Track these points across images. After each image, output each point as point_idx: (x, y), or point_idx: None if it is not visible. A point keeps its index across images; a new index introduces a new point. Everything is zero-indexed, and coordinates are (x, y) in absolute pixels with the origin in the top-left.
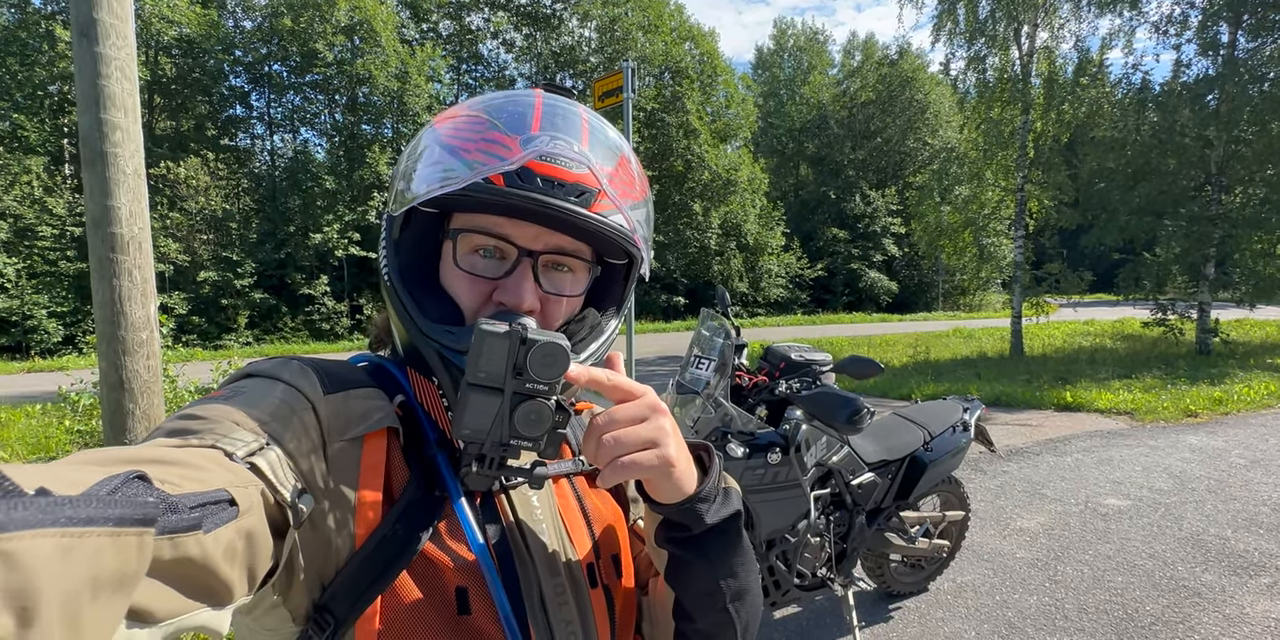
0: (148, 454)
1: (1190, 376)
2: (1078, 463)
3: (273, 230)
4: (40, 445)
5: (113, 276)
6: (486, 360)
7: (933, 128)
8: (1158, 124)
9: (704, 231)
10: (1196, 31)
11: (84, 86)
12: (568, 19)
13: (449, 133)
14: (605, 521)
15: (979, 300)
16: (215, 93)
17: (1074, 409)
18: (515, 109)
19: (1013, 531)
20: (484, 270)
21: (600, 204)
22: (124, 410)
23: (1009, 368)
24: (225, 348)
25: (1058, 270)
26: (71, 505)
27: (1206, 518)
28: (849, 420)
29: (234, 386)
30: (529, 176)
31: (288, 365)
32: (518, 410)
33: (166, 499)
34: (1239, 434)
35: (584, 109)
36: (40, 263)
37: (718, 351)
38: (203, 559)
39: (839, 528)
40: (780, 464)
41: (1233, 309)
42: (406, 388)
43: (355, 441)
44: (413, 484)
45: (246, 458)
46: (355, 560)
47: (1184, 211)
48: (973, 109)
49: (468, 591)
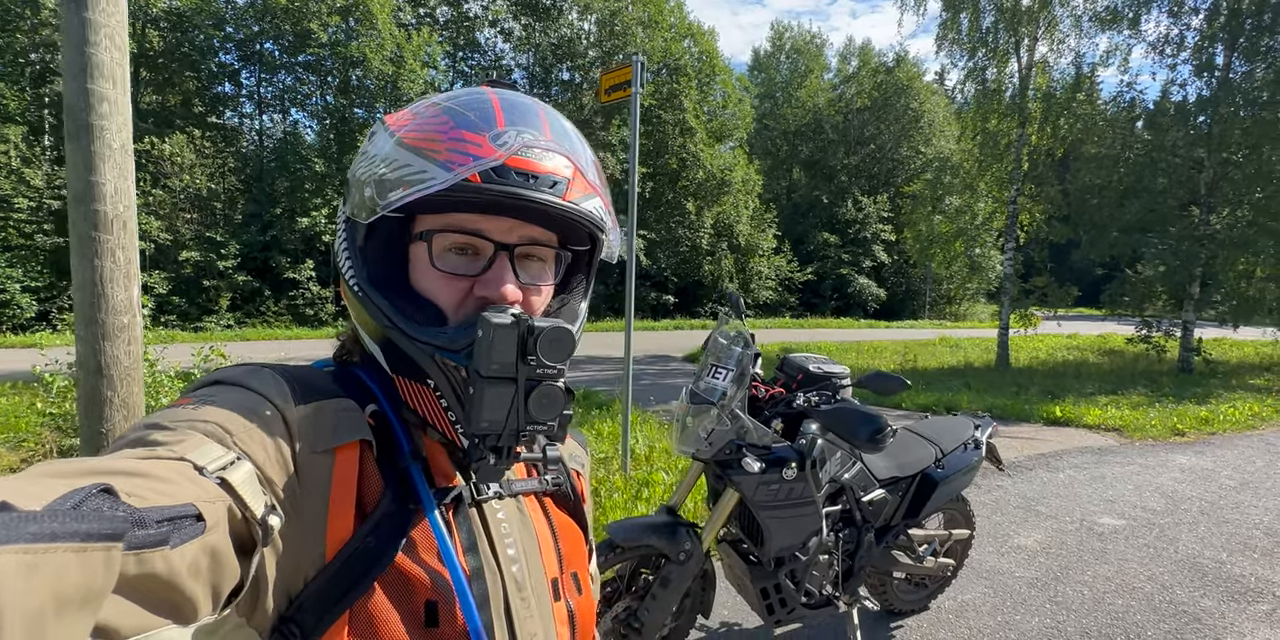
0: (114, 466)
1: (1176, 395)
2: (1070, 479)
3: (258, 212)
4: (8, 425)
5: (94, 256)
6: (498, 351)
7: (926, 137)
8: (1150, 142)
9: (696, 231)
10: (1192, 53)
11: (71, 54)
12: (567, 11)
13: (411, 134)
14: (569, 539)
15: (964, 310)
16: (204, 69)
17: (1063, 424)
18: (476, 106)
19: (1010, 549)
20: (461, 268)
21: (572, 192)
22: (101, 397)
23: (996, 379)
24: (206, 329)
25: (1045, 283)
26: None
27: (1201, 540)
28: (871, 438)
29: (202, 394)
30: (504, 172)
31: (257, 373)
32: (532, 396)
33: (133, 513)
34: (1227, 455)
35: (536, 100)
36: (15, 236)
37: (735, 360)
38: (168, 575)
39: (847, 545)
40: (796, 480)
41: (1212, 328)
42: (379, 396)
43: (327, 453)
44: (387, 496)
45: (216, 472)
46: (326, 573)
47: (1173, 230)
48: (970, 120)
49: (437, 604)
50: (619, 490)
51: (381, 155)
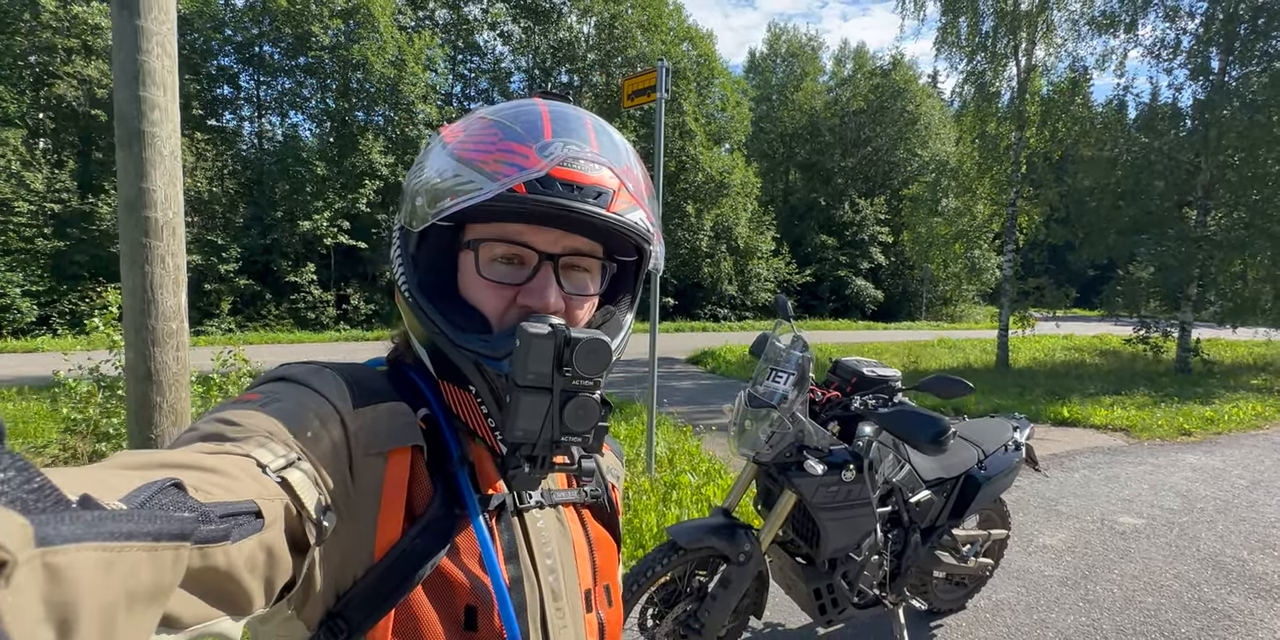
0: (184, 459)
1: (1179, 395)
2: (1086, 479)
3: (259, 215)
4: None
5: (145, 263)
6: (535, 362)
7: (922, 139)
8: (1146, 145)
9: (695, 233)
10: (1188, 57)
11: (122, 61)
12: (567, 14)
13: (462, 145)
14: (604, 551)
15: (961, 311)
16: (203, 71)
17: (1071, 424)
18: (525, 118)
19: (1037, 548)
20: (507, 277)
21: (617, 204)
22: (151, 403)
23: (998, 380)
24: (207, 333)
25: (1042, 284)
26: (114, 519)
27: (1220, 538)
28: (935, 439)
29: (267, 390)
30: (549, 182)
31: (320, 373)
32: (567, 407)
33: (199, 509)
34: (1235, 454)
35: (585, 112)
36: (15, 240)
37: (795, 364)
38: (227, 569)
39: (895, 545)
40: (854, 481)
41: (1208, 329)
42: (431, 399)
43: (380, 457)
44: (436, 500)
45: (279, 471)
46: (374, 572)
47: (1170, 232)
48: (969, 123)
49: (476, 610)
50: (646, 493)
51: (434, 165)
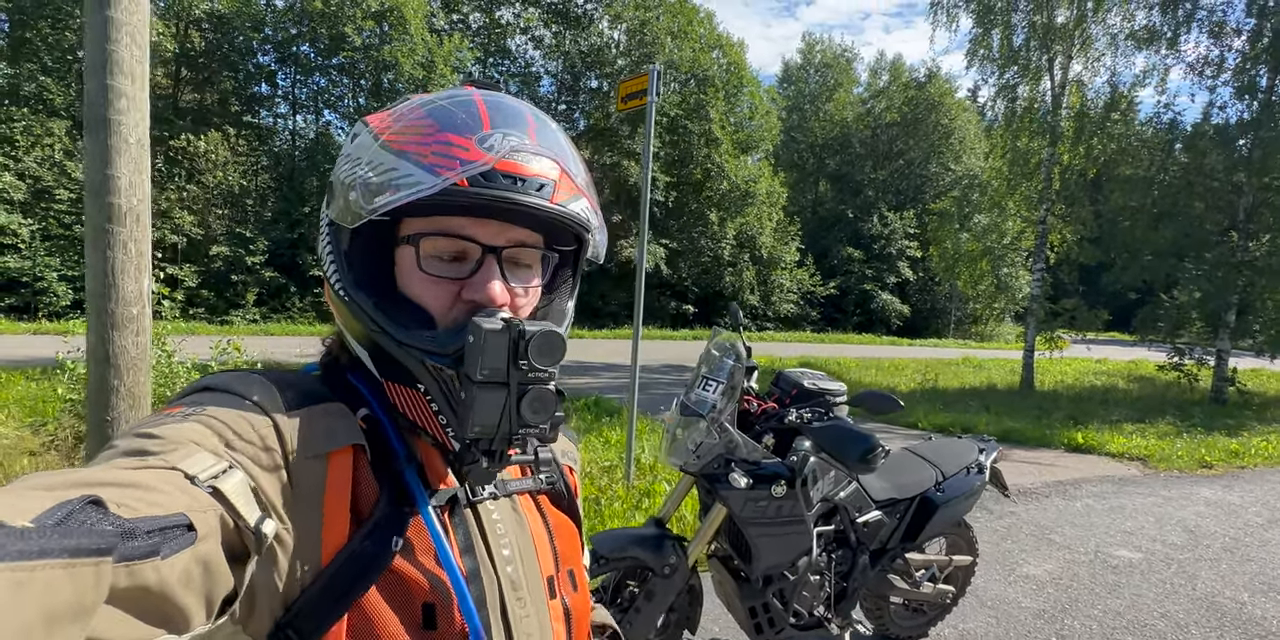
0: (103, 477)
1: (1205, 425)
2: (1088, 508)
3: (288, 209)
4: (36, 409)
5: (107, 247)
6: (490, 357)
7: (956, 154)
8: (1187, 165)
9: (718, 241)
10: (1234, 74)
11: (92, 51)
12: (598, 20)
13: (396, 137)
14: (565, 537)
15: (991, 330)
16: (242, 69)
17: (1085, 451)
18: (462, 108)
19: (1019, 578)
20: (449, 272)
21: (559, 194)
22: (108, 386)
23: (1019, 402)
24: (231, 323)
25: (1074, 306)
26: (22, 537)
27: (1222, 578)
28: (861, 458)
29: (191, 400)
30: (492, 175)
31: (246, 379)
32: (524, 400)
33: (123, 525)
34: (1256, 490)
35: (521, 102)
36: (55, 226)
37: (727, 373)
38: (159, 586)
39: (840, 566)
40: (785, 497)
41: (1250, 358)
42: (370, 399)
43: (320, 459)
44: (383, 500)
45: (208, 481)
46: (322, 578)
47: (1209, 256)
48: (1000, 137)
49: (435, 607)
50: (620, 499)
51: (365, 158)
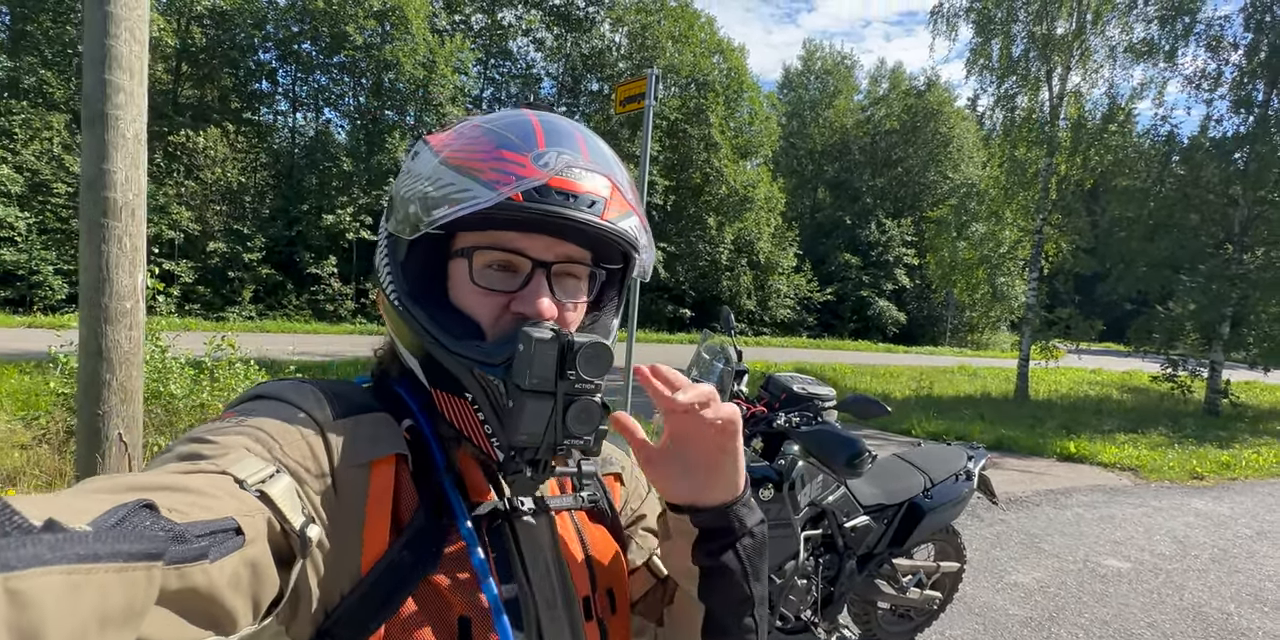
0: (157, 481)
1: (1198, 436)
2: (1078, 517)
3: (286, 207)
4: (28, 403)
5: (101, 242)
6: (539, 366)
7: (955, 162)
8: (1183, 177)
9: (716, 246)
10: (1231, 88)
11: (91, 46)
12: (600, 23)
13: (455, 154)
14: (603, 556)
15: (986, 339)
16: (243, 66)
17: (1077, 460)
18: (518, 127)
19: (1007, 585)
20: (500, 284)
21: (610, 211)
22: (100, 380)
23: (1013, 411)
24: (227, 320)
25: (1069, 316)
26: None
27: (1209, 589)
28: (849, 463)
29: (244, 408)
30: (545, 191)
31: (298, 388)
32: (569, 410)
33: (173, 529)
34: (1246, 502)
35: (573, 122)
36: (52, 219)
37: (716, 376)
38: (208, 588)
39: (828, 571)
40: (772, 501)
41: (1243, 370)
42: (416, 411)
43: (363, 468)
44: (421, 511)
45: (257, 485)
46: (361, 587)
47: (1203, 268)
48: (998, 146)
49: (470, 621)
50: None
51: (425, 174)
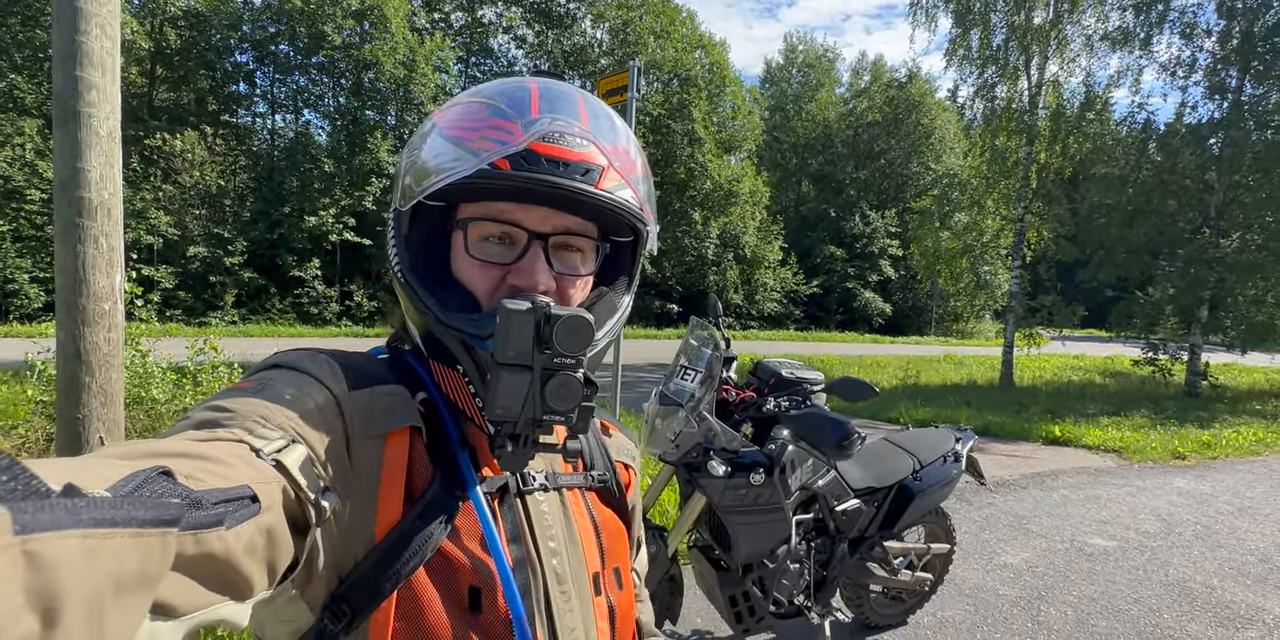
0: (174, 448)
1: (1179, 418)
2: (1064, 499)
3: (267, 210)
4: (6, 412)
5: (77, 242)
6: (515, 338)
7: (937, 153)
8: (1160, 164)
9: (702, 240)
10: (1205, 74)
11: (61, 42)
12: (580, 19)
13: (449, 124)
14: (612, 535)
15: (971, 327)
16: (219, 68)
17: (1062, 443)
18: (514, 94)
19: (996, 566)
20: (496, 256)
21: (606, 180)
22: (79, 383)
23: (999, 397)
24: (210, 325)
25: (1052, 303)
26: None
27: (1193, 564)
28: (838, 445)
29: (261, 377)
30: (534, 159)
31: (314, 358)
32: (548, 385)
33: (190, 495)
34: (1227, 479)
35: (579, 90)
36: (27, 226)
37: (705, 363)
38: (225, 554)
39: (820, 555)
40: (763, 485)
41: (1222, 352)
42: (429, 383)
43: (378, 439)
44: (435, 482)
45: (272, 454)
46: (374, 555)
47: (1181, 253)
48: (979, 136)
49: (480, 591)
50: None
51: (422, 146)
